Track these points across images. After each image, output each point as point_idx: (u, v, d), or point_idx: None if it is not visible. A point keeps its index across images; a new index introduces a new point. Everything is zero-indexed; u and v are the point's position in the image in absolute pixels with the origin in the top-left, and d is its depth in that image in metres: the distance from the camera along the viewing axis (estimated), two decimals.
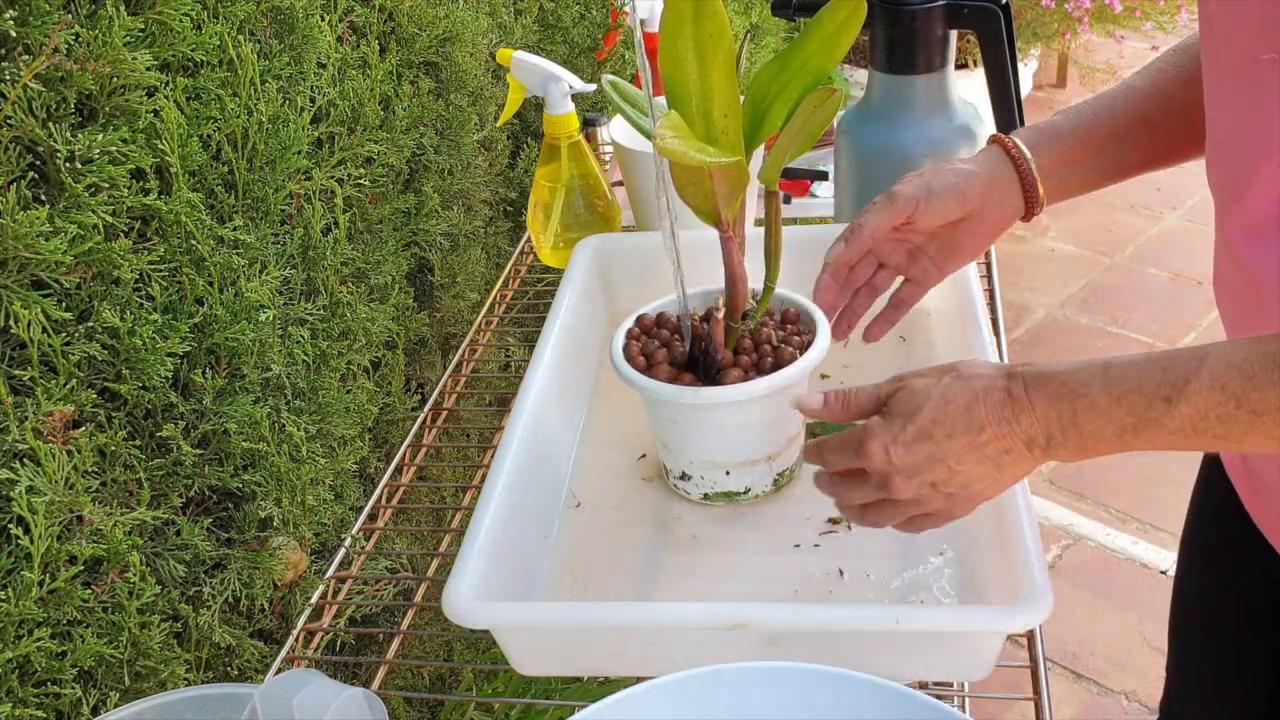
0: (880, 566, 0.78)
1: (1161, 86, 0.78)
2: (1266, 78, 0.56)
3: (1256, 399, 0.55)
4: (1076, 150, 0.80)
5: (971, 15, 1.03)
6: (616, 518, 0.86)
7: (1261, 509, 0.72)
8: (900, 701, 0.56)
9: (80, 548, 0.72)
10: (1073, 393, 0.60)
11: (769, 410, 0.81)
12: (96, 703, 0.74)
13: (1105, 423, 0.59)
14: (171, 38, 0.79)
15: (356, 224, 1.07)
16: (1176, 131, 0.78)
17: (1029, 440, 0.62)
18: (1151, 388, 0.58)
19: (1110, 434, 0.60)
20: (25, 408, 0.69)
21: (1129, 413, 0.59)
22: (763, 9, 2.40)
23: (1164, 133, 0.79)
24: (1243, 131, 0.60)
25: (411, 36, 1.15)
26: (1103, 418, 0.59)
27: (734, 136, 0.72)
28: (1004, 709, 1.72)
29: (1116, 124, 0.79)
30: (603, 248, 1.07)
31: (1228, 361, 0.56)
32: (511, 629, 0.72)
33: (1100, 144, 0.80)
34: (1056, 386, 0.61)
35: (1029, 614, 0.64)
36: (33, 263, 0.69)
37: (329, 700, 0.64)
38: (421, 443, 1.08)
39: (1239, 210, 0.62)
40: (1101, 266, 2.89)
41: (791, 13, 1.11)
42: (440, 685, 1.24)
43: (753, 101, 0.75)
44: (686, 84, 0.70)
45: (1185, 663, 0.90)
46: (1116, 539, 2.08)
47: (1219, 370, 0.56)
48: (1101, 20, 3.06)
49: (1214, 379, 0.56)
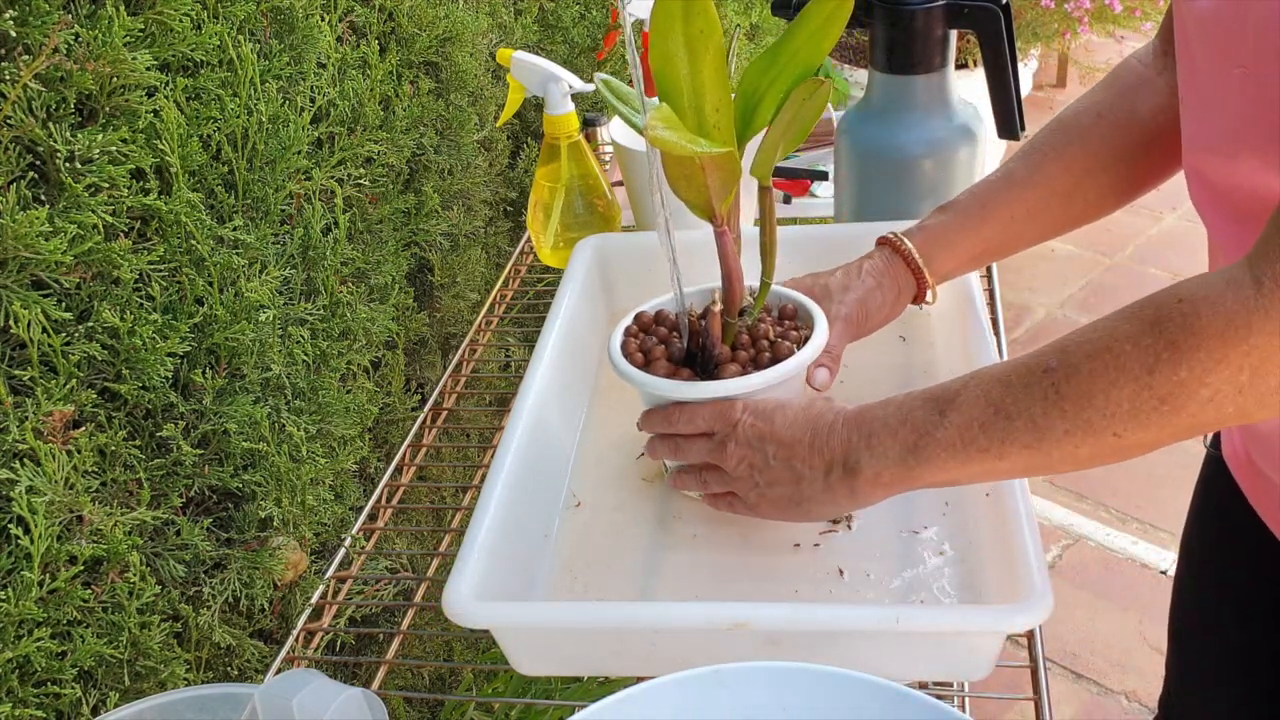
0: (880, 566, 0.78)
1: (1041, 171, 0.83)
2: (1241, 92, 0.57)
3: (1010, 403, 0.59)
4: (964, 247, 0.86)
5: (971, 15, 1.03)
6: (616, 517, 0.86)
7: (1268, 507, 0.72)
8: (900, 701, 0.56)
9: (80, 548, 0.72)
10: (872, 417, 0.67)
11: None
12: (96, 703, 0.74)
13: (892, 442, 0.65)
14: (171, 38, 0.79)
15: (356, 224, 1.07)
16: (1058, 214, 0.84)
17: (828, 464, 0.68)
18: (932, 404, 0.63)
19: (895, 455, 0.65)
20: (25, 408, 0.69)
21: (912, 429, 0.64)
22: (763, 9, 2.40)
23: (1045, 217, 0.84)
24: (1222, 144, 0.60)
25: (411, 36, 1.15)
26: (891, 437, 0.65)
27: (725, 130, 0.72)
28: (1004, 709, 1.72)
29: (1000, 218, 0.85)
30: (603, 248, 1.07)
31: (991, 373, 0.61)
32: (511, 629, 0.72)
33: (985, 238, 0.86)
34: (864, 414, 0.67)
35: (1029, 614, 0.64)
36: (33, 263, 0.69)
37: (329, 700, 0.64)
38: (421, 443, 1.08)
39: (1222, 217, 0.63)
40: (1101, 266, 2.89)
41: (791, 13, 1.11)
42: (440, 685, 1.24)
43: (743, 96, 0.75)
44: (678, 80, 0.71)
45: (1185, 662, 0.90)
46: (1116, 539, 2.08)
47: (984, 380, 0.61)
48: (1101, 20, 3.06)
49: (980, 388, 0.61)
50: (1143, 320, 0.55)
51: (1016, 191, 0.84)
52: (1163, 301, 0.55)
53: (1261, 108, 0.55)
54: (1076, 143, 0.81)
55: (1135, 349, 0.55)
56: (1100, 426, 0.56)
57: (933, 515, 0.81)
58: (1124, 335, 0.56)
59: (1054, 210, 0.83)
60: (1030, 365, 0.59)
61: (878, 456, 0.66)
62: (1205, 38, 0.60)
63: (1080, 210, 0.84)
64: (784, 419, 0.71)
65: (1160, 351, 0.54)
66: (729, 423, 0.73)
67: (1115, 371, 0.55)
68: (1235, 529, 0.77)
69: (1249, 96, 0.56)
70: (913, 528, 0.81)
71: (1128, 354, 0.55)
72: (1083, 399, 0.57)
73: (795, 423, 0.71)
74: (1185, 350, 0.53)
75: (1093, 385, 0.56)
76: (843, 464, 0.67)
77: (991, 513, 0.76)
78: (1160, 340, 0.54)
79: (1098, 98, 0.82)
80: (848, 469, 0.67)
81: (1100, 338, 0.57)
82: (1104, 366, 0.56)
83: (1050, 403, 0.58)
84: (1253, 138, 0.56)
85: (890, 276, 0.86)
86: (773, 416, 0.72)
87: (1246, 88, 0.56)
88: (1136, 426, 0.56)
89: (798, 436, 0.70)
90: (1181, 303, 0.54)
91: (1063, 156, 0.82)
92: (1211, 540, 0.85)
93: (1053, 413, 0.58)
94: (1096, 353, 0.56)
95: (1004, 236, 0.85)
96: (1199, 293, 0.54)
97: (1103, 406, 0.56)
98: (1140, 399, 0.55)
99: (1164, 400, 0.54)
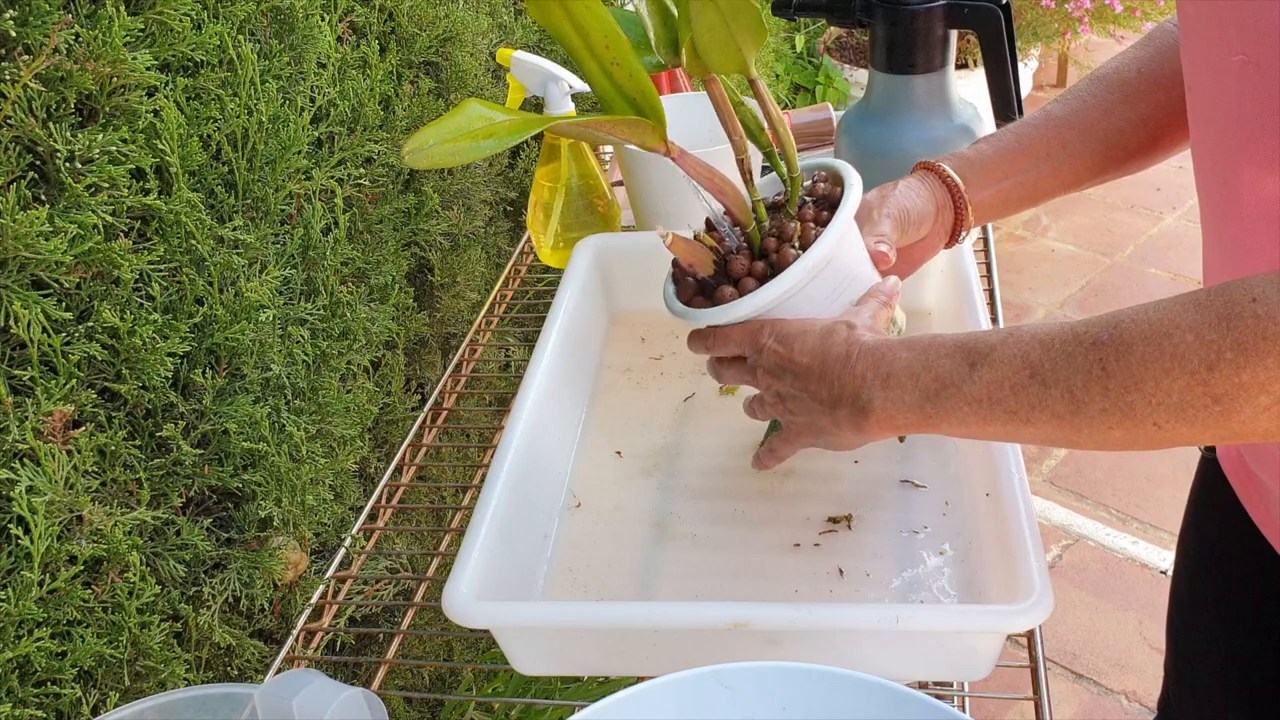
0: (880, 566, 0.78)
1: (1080, 115, 0.80)
2: (1240, 79, 0.57)
3: (1049, 369, 0.56)
4: (999, 176, 0.82)
5: (971, 15, 1.03)
6: (616, 518, 0.86)
7: (1262, 513, 0.72)
8: (900, 702, 0.56)
9: (80, 548, 0.72)
10: (894, 356, 0.63)
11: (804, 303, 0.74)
12: (96, 703, 0.74)
13: (913, 386, 0.62)
14: (171, 38, 0.79)
15: (356, 224, 1.07)
16: (1094, 156, 0.81)
17: (836, 397, 0.66)
18: (962, 354, 0.60)
19: (913, 400, 0.62)
20: (25, 408, 0.69)
21: (935, 377, 0.61)
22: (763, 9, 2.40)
23: (1082, 158, 0.81)
24: (1223, 132, 0.60)
25: (411, 36, 1.15)
26: (911, 381, 0.62)
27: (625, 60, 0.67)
28: (1004, 709, 1.73)
29: (1036, 151, 0.81)
30: (603, 248, 1.07)
31: (1033, 333, 0.58)
32: (511, 629, 0.72)
33: (1020, 169, 0.82)
34: (884, 351, 0.64)
35: (1029, 614, 0.64)
36: (33, 263, 0.69)
37: (329, 700, 0.64)
38: (421, 443, 1.08)
39: (1225, 210, 0.62)
40: (1101, 266, 2.89)
41: (791, 12, 1.11)
42: (440, 685, 1.24)
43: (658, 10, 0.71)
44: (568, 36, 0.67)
45: (1183, 662, 0.90)
46: (1116, 539, 2.08)
47: (1024, 339, 0.58)
48: (1101, 20, 3.06)
49: (1018, 346, 0.58)
50: (1210, 311, 0.52)
51: (1054, 129, 0.81)
52: (1235, 297, 0.51)
53: (1261, 95, 0.55)
54: (1117, 92, 0.79)
55: (1198, 341, 0.51)
56: (1142, 414, 0.54)
57: (933, 515, 0.82)
58: (1187, 324, 0.52)
59: (1091, 152, 0.80)
60: (1078, 333, 0.56)
61: (893, 400, 0.63)
62: (1206, 24, 0.59)
63: (1118, 157, 0.80)
64: (801, 345, 0.69)
65: (1224, 350, 0.51)
66: (756, 347, 0.72)
67: (1170, 360, 0.52)
68: (1230, 531, 0.77)
69: (1249, 83, 0.56)
70: (913, 528, 0.81)
71: (1189, 344, 0.52)
72: (1130, 381, 0.53)
73: (811, 349, 0.68)
74: (1253, 354, 0.50)
75: (1144, 370, 0.53)
76: (853, 400, 0.65)
77: (991, 513, 0.76)
78: (1227, 337, 0.50)
79: (1137, 54, 0.80)
80: (858, 406, 0.64)
81: (1160, 320, 0.53)
82: (1159, 352, 0.53)
83: (1093, 378, 0.55)
84: (1253, 125, 0.56)
85: (928, 189, 0.82)
86: (792, 343, 0.70)
87: (1246, 74, 0.56)
88: (1181, 421, 0.53)
89: (810, 366, 0.68)
90: (1255, 303, 0.50)
91: (1102, 103, 0.80)
92: (1207, 542, 0.85)
93: (1094, 389, 0.55)
94: (1154, 336, 0.53)
95: (1039, 171, 0.82)
96: (1276, 296, 0.50)
97: (1150, 394, 0.53)
98: (1192, 394, 0.52)
99: (1218, 400, 0.51)
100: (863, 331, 0.69)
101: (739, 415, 0.93)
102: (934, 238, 0.84)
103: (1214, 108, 0.60)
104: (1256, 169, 0.57)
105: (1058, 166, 0.81)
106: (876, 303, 0.74)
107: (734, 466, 0.89)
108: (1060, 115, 0.81)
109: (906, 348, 0.64)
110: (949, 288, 0.98)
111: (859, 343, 0.67)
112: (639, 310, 1.08)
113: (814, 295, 0.73)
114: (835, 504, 0.83)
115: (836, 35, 3.12)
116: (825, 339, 0.69)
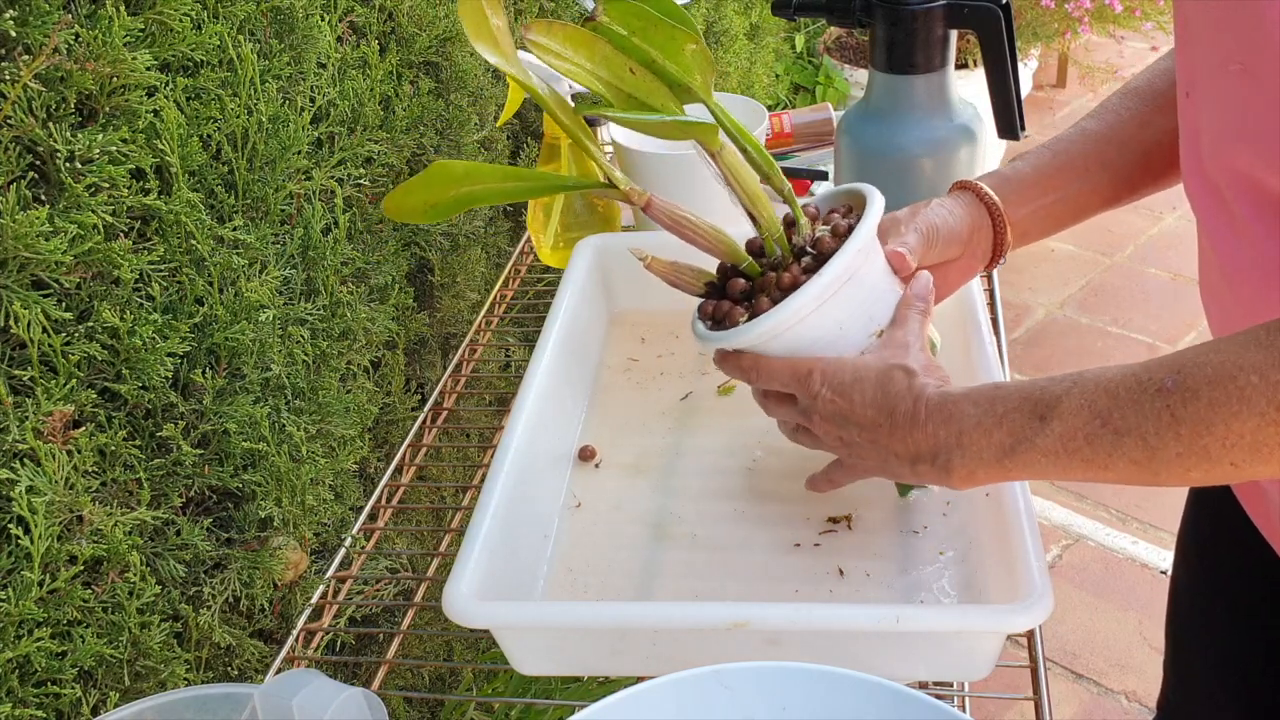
0: (880, 566, 0.78)
1: (1117, 129, 0.80)
2: (1235, 88, 0.57)
3: (1119, 418, 0.57)
4: (1037, 194, 0.81)
5: (971, 15, 1.03)
6: (616, 517, 0.86)
7: (1261, 513, 0.72)
8: (900, 702, 0.56)
9: (80, 548, 0.72)
10: (962, 413, 0.64)
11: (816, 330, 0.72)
12: (96, 703, 0.74)
13: (987, 444, 0.62)
14: (171, 38, 0.79)
15: (356, 224, 1.07)
16: (1133, 170, 0.80)
17: (915, 454, 0.66)
18: (1029, 406, 0.60)
19: (991, 456, 0.62)
20: (25, 408, 0.69)
21: (1009, 433, 0.61)
22: (763, 9, 2.40)
23: (1121, 172, 0.80)
24: (1219, 137, 0.60)
25: (411, 36, 1.15)
26: (985, 438, 0.62)
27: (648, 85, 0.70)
28: (1004, 709, 1.73)
29: (1075, 166, 0.81)
30: (603, 248, 1.07)
31: (1097, 382, 0.58)
32: (512, 629, 0.72)
33: (1059, 186, 0.81)
34: (950, 408, 0.64)
35: (1030, 614, 0.64)
36: (33, 263, 0.69)
37: (329, 700, 0.64)
38: (421, 443, 1.08)
39: (1219, 215, 0.63)
40: (1101, 266, 2.89)
41: (792, 12, 1.11)
42: (440, 685, 1.24)
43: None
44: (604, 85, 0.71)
45: (1182, 663, 0.90)
46: (1116, 539, 2.08)
47: (1089, 389, 0.58)
48: (1101, 20, 3.06)
49: (1084, 397, 0.58)
50: (1273, 351, 0.52)
51: (1092, 144, 0.80)
52: None
53: (1258, 104, 0.55)
54: (1150, 104, 0.79)
55: (1263, 382, 0.52)
56: (1217, 455, 0.54)
57: (933, 515, 0.82)
58: (1250, 365, 0.52)
59: (1130, 164, 0.80)
60: (1141, 381, 0.56)
61: (970, 456, 0.63)
62: (1203, 33, 0.60)
63: (1156, 169, 0.80)
64: (861, 397, 0.69)
65: None
66: (808, 394, 0.71)
67: (1238, 403, 0.52)
68: (1229, 531, 0.77)
69: (1246, 92, 0.56)
70: (913, 528, 0.81)
71: (1254, 386, 0.52)
72: (1200, 426, 0.54)
73: (873, 402, 0.68)
74: None
75: (1212, 414, 0.53)
76: (932, 458, 0.65)
77: (992, 513, 0.76)
78: None
79: (1166, 65, 0.79)
80: (939, 465, 0.65)
81: (1223, 363, 0.53)
82: (1225, 396, 0.53)
83: (1164, 425, 0.55)
84: (1250, 134, 0.56)
85: (962, 207, 0.81)
86: (850, 393, 0.69)
87: (1244, 84, 0.56)
88: (1257, 460, 0.53)
89: (877, 420, 0.68)
90: None
91: (1137, 115, 0.79)
92: (1206, 542, 0.85)
93: (1166, 435, 0.55)
94: (1218, 380, 0.53)
95: (1079, 187, 0.81)
96: None
97: (1222, 436, 0.53)
98: (1264, 434, 0.52)
99: None
100: (923, 379, 0.68)
101: (738, 415, 0.93)
102: (971, 259, 0.82)
103: (1212, 116, 0.60)
104: (1254, 175, 0.57)
105: (1098, 182, 0.81)
106: (917, 317, 0.74)
107: (733, 466, 0.89)
108: (1096, 130, 0.80)
109: (972, 402, 0.64)
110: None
111: (924, 397, 0.66)
112: (639, 310, 1.08)
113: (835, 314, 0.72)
114: (835, 504, 0.83)
115: (836, 35, 3.12)
116: (884, 388, 0.68)
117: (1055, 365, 2.53)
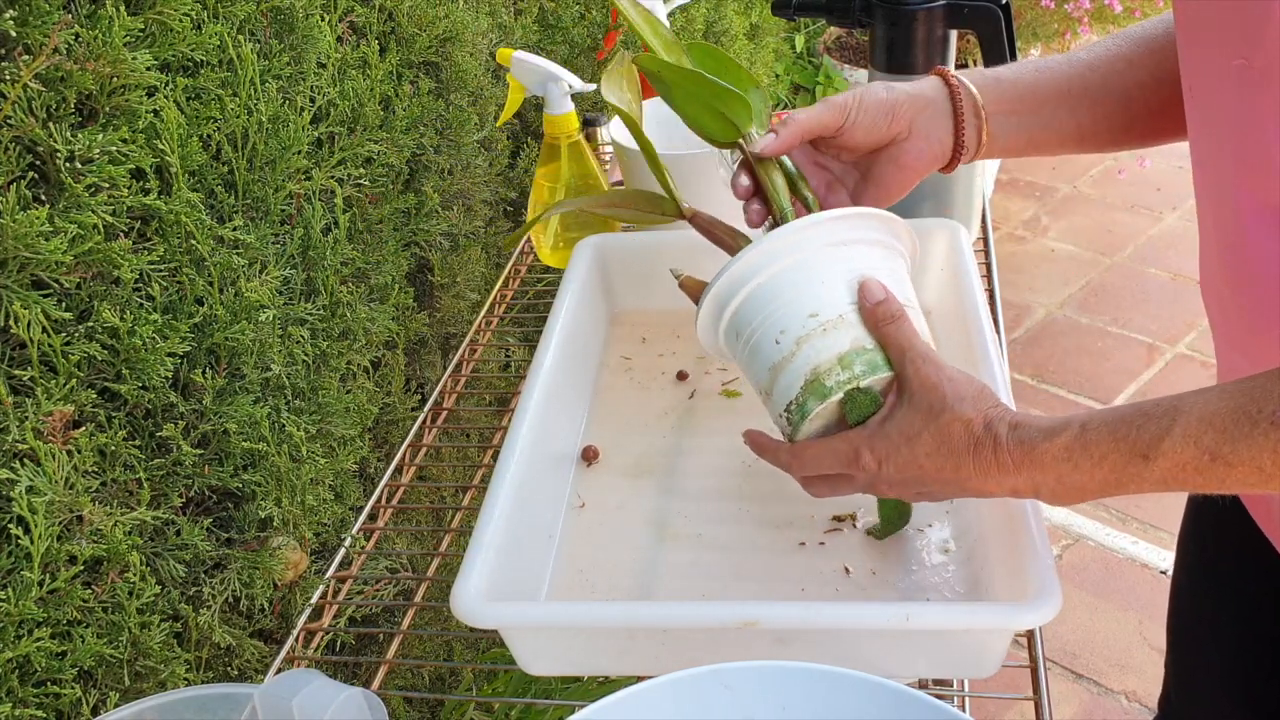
0: (886, 565, 0.78)
1: (1107, 62, 0.78)
2: (1237, 83, 0.57)
3: (1229, 452, 0.56)
4: (1015, 100, 0.79)
5: (971, 15, 1.03)
6: (619, 517, 0.86)
7: (1263, 512, 0.72)
8: (901, 701, 0.56)
9: (80, 548, 0.72)
10: (1056, 460, 0.62)
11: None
12: (96, 703, 0.74)
13: (1088, 480, 0.62)
14: (171, 38, 0.79)
15: (356, 224, 1.07)
16: (1114, 108, 0.78)
17: (1015, 490, 0.65)
18: (1128, 447, 0.60)
19: (1094, 488, 0.62)
20: (25, 408, 0.69)
21: (1111, 471, 0.61)
22: (763, 9, 2.41)
23: (1102, 107, 0.78)
24: (1221, 137, 0.60)
25: (411, 36, 1.15)
26: (1085, 477, 0.62)
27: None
28: (1004, 709, 1.73)
29: (1057, 85, 0.78)
30: (603, 248, 1.07)
31: (1200, 416, 0.57)
32: (521, 629, 0.72)
33: (1040, 100, 0.79)
34: (1039, 455, 0.63)
35: (1039, 611, 0.64)
36: (33, 263, 0.69)
37: (329, 700, 0.63)
38: (421, 443, 1.08)
39: (1223, 213, 0.62)
40: (1101, 266, 2.89)
41: (792, 13, 1.11)
42: (440, 685, 1.24)
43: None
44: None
45: (1183, 663, 0.90)
46: (1116, 539, 2.08)
47: (1192, 426, 0.57)
48: (1101, 20, 3.06)
49: (1187, 434, 0.57)
50: None
51: (1077, 69, 0.78)
52: None
53: (1259, 100, 0.55)
54: (1143, 46, 0.77)
55: None
56: None
57: (938, 513, 0.81)
58: None
59: (1112, 100, 0.78)
60: (1248, 411, 0.56)
61: (1073, 490, 0.63)
62: (1205, 29, 0.59)
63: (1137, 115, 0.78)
64: (928, 460, 0.66)
65: None
66: (864, 469, 0.69)
67: None
68: (1229, 530, 0.77)
69: (1248, 90, 0.56)
70: (918, 526, 0.81)
71: None
72: None
73: (938, 452, 0.66)
74: None
75: None
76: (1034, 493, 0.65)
77: (997, 511, 0.76)
78: None
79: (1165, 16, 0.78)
80: (1039, 494, 0.64)
81: None
82: None
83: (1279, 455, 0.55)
84: (1252, 130, 0.56)
85: (913, 85, 0.78)
86: (915, 455, 0.66)
87: (1245, 79, 0.56)
88: None
89: (955, 472, 0.65)
90: None
91: (1127, 53, 0.77)
92: (1207, 541, 0.85)
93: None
94: None
95: (1054, 110, 0.78)
96: None
97: None
98: None
99: None
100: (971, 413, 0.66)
101: (741, 415, 0.93)
102: (923, 140, 0.78)
103: (1212, 111, 0.60)
104: (1255, 174, 0.57)
105: (1075, 108, 0.78)
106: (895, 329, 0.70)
107: (736, 466, 0.89)
108: (1084, 59, 0.78)
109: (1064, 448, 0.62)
110: (949, 287, 0.98)
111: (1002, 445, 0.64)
112: (639, 310, 1.08)
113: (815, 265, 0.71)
114: (839, 503, 0.83)
115: (836, 35, 3.12)
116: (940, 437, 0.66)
117: (1055, 365, 2.53)
